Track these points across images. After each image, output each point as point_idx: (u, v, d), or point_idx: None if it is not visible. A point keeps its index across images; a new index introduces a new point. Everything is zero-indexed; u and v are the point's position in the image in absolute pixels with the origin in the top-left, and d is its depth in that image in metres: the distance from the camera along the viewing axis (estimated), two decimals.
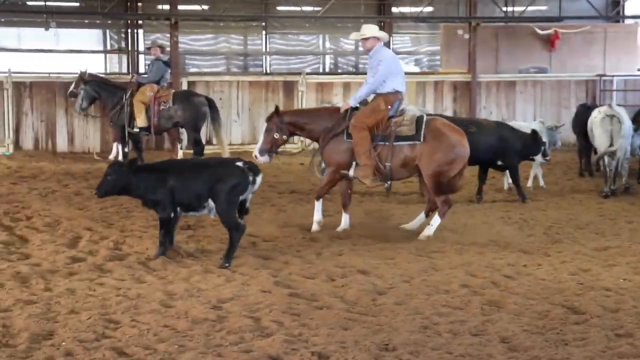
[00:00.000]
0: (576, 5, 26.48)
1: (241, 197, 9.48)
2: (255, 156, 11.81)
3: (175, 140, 19.91)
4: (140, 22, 27.84)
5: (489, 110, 23.56)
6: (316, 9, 25.76)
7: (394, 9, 29.11)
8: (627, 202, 14.39)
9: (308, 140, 12.98)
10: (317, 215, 11.68)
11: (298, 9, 26.49)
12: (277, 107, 11.96)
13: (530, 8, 25.63)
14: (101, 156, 20.43)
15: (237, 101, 22.61)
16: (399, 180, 12.58)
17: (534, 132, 14.62)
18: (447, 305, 7.85)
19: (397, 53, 29.84)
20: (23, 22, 27.50)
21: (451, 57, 25.35)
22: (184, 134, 20.09)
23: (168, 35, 23.71)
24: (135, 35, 27.56)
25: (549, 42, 25.36)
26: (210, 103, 17.86)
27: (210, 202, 9.47)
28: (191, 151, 20.14)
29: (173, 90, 18.38)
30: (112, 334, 6.93)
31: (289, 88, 22.90)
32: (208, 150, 20.06)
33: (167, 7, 24.73)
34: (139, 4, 27.42)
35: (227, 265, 9.29)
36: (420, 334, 6.94)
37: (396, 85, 11.30)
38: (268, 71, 28.63)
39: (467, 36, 24.03)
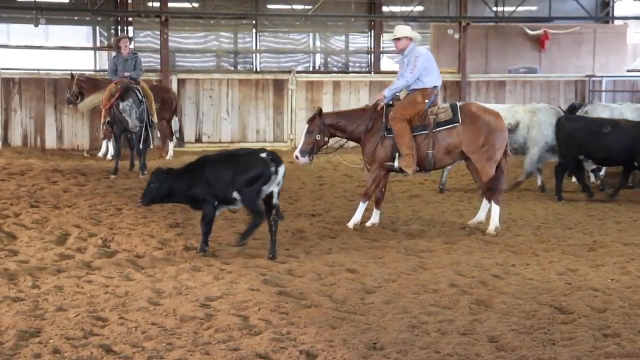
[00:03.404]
0: (566, 5, 26.57)
1: (265, 188, 9.59)
2: (296, 157, 11.89)
3: (167, 137, 19.87)
4: (130, 19, 27.76)
5: None
6: (307, 7, 25.74)
7: (385, 8, 29.11)
8: (615, 202, 14.43)
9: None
10: (358, 217, 11.77)
11: (288, 7, 26.47)
12: (320, 109, 11.97)
13: (520, 8, 25.67)
14: (90, 154, 20.40)
15: (226, 99, 22.58)
16: (441, 169, 13.15)
17: None
18: (435, 305, 7.87)
19: (387, 52, 29.90)
20: (12, 18, 27.38)
21: (441, 56, 25.31)
22: (176, 131, 20.08)
23: (158, 32, 23.67)
24: (125, 32, 27.46)
25: (539, 42, 25.42)
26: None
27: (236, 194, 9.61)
28: (181, 148, 20.18)
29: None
30: (99, 331, 6.92)
31: (279, 86, 22.88)
32: (197, 148, 20.07)
33: (157, 4, 24.68)
34: (129, 0, 27.35)
35: (243, 243, 9.80)
36: (409, 333, 6.94)
37: (433, 81, 11.80)
38: (258, 69, 28.59)
39: (457, 36, 24.06)
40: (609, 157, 14.66)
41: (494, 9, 25.45)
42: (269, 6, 29.47)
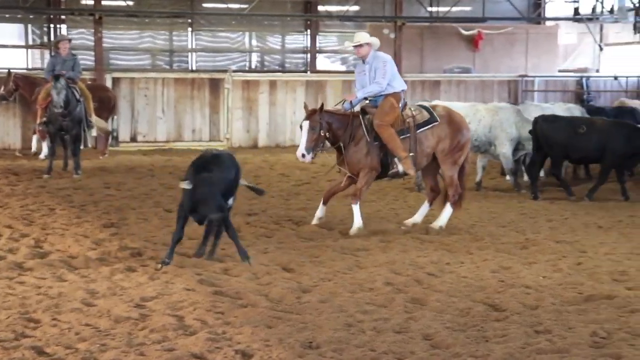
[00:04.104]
0: (499, 6, 26.90)
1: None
2: (302, 155, 11.48)
3: (105, 137, 19.67)
4: (63, 17, 27.39)
5: None
6: (243, 6, 25.69)
7: (320, 8, 29.16)
8: (547, 201, 14.65)
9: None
10: (359, 220, 11.59)
11: (224, 6, 26.39)
12: (322, 105, 11.76)
13: (454, 8, 25.93)
14: (23, 153, 20.10)
15: (162, 98, 22.44)
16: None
17: None
18: (371, 303, 7.90)
19: (323, 52, 29.96)
20: None
21: None
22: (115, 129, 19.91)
23: (92, 30, 23.41)
24: (58, 30, 27.07)
25: (473, 42, 25.73)
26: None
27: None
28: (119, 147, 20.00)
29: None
30: (32, 333, 6.82)
31: (215, 85, 22.81)
32: (132, 147, 19.91)
33: (91, 2, 24.38)
34: None
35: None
36: (344, 332, 6.97)
37: (401, 85, 11.87)
38: (194, 68, 28.44)
39: (392, 36, 24.22)
40: (586, 156, 14.93)
41: (429, 9, 25.66)
42: (205, 5, 29.31)
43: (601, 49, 27.21)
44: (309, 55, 29.80)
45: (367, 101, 11.79)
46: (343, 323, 7.21)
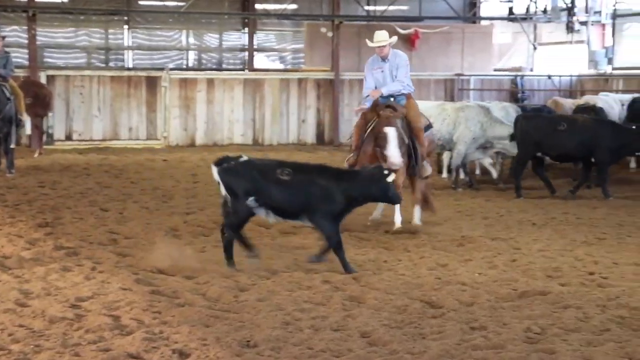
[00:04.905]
0: (435, 6, 27.15)
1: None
2: (396, 163, 11.13)
3: (39, 135, 19.42)
4: None
5: (351, 107, 23.85)
6: (179, 4, 25.54)
7: (258, 6, 29.12)
8: (483, 198, 14.81)
9: None
10: (399, 217, 11.81)
11: (161, 3, 26.22)
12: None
13: (391, 8, 26.09)
14: None
15: (98, 96, 22.21)
16: None
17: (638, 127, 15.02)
18: (309, 301, 7.91)
19: (261, 50, 29.92)
20: None
21: (315, 54, 25.55)
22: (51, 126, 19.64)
23: (26, 28, 23.08)
24: None
25: (410, 41, 25.87)
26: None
27: None
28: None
29: None
30: None
31: (152, 84, 22.65)
32: (67, 146, 19.67)
33: None
34: None
35: None
36: (282, 330, 6.96)
37: (412, 86, 12.00)
38: (130, 66, 28.20)
39: (330, 34, 24.28)
40: (566, 154, 15.10)
41: (366, 8, 25.77)
42: (141, 2, 29.09)
43: (535, 48, 27.57)
44: (246, 53, 29.72)
45: (392, 99, 11.72)
46: (281, 321, 7.20)
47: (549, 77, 26.06)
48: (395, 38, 11.92)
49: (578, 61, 26.41)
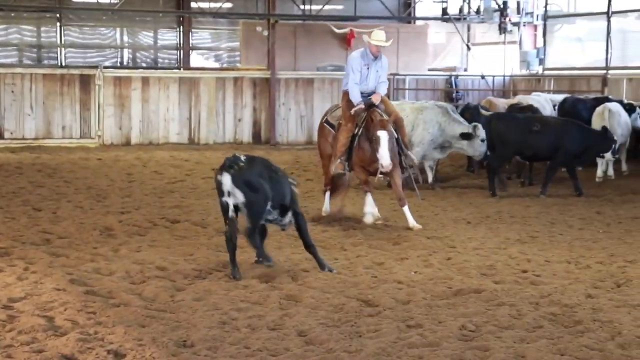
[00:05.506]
0: (370, 5, 27.27)
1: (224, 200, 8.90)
2: (386, 165, 11.78)
3: None
4: None
5: (287, 106, 23.89)
6: (113, 1, 25.29)
7: (193, 4, 28.92)
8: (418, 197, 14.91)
9: None
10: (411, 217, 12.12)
11: (94, 1, 25.91)
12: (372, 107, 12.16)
13: (326, 7, 26.13)
14: None
15: (30, 94, 21.89)
16: None
17: (604, 129, 15.17)
18: (245, 301, 7.90)
19: (196, 48, 29.76)
20: None
21: (251, 53, 25.48)
22: None
23: None
24: None
25: (346, 40, 25.93)
26: None
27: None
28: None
29: None
30: None
31: (86, 82, 22.38)
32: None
33: None
34: None
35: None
36: (219, 330, 6.95)
37: None
38: (63, 64, 27.82)
39: (266, 33, 24.24)
40: (539, 154, 15.23)
41: (302, 7, 25.79)
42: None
43: (469, 48, 27.82)
44: (181, 52, 29.54)
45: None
46: (217, 321, 7.19)
47: (483, 77, 26.33)
48: (391, 40, 12.61)
49: (511, 61, 26.73)
